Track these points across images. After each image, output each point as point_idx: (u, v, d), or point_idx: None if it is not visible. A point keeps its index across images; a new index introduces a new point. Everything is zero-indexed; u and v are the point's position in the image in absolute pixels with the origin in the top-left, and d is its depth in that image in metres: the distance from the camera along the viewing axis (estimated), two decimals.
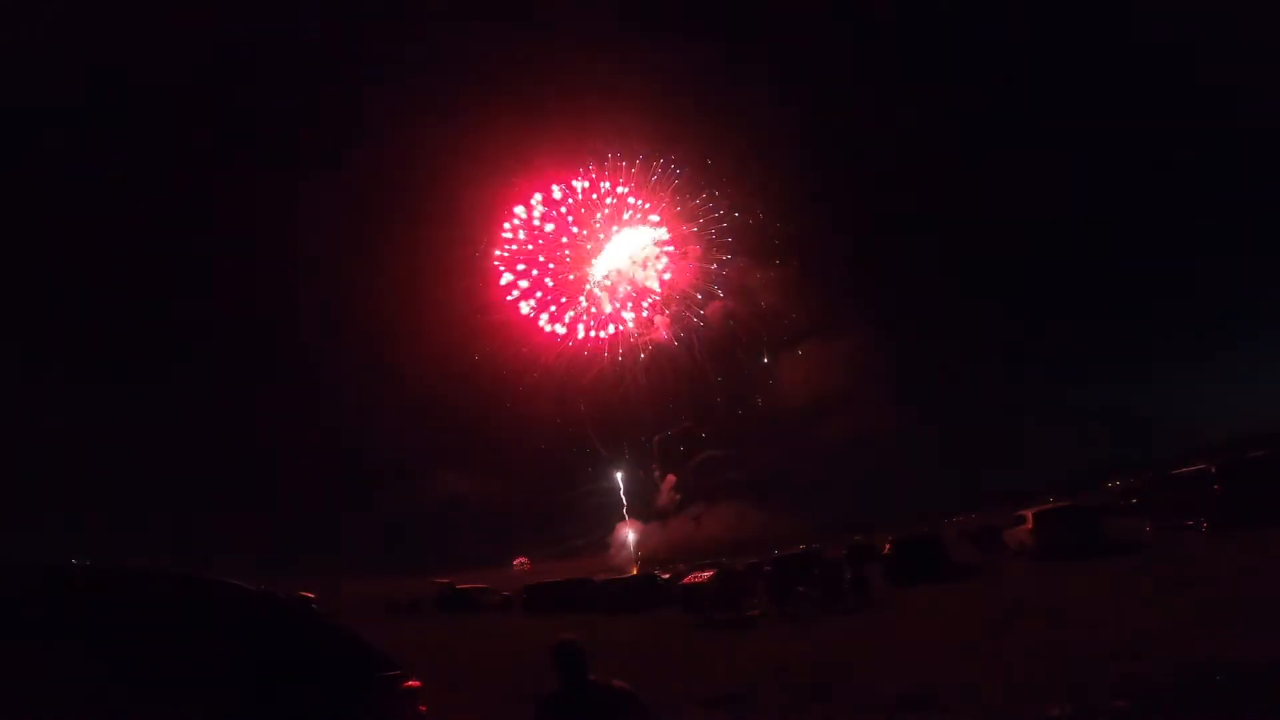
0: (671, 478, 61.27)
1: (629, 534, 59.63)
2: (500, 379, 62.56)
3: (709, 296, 62.97)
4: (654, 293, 61.76)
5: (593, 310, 62.82)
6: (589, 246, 61.31)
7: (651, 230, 62.22)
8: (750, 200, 62.30)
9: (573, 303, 61.66)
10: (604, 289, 61.18)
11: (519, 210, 60.21)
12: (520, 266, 61.58)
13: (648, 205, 61.99)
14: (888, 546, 23.07)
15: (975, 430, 65.98)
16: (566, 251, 61.89)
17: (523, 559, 56.63)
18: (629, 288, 61.94)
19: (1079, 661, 7.51)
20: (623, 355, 61.18)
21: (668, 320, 61.33)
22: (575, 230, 61.26)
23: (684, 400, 62.84)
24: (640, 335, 60.66)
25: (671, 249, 60.80)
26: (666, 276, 62.04)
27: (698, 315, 62.52)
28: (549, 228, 61.60)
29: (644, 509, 60.98)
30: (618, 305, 62.27)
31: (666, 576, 30.97)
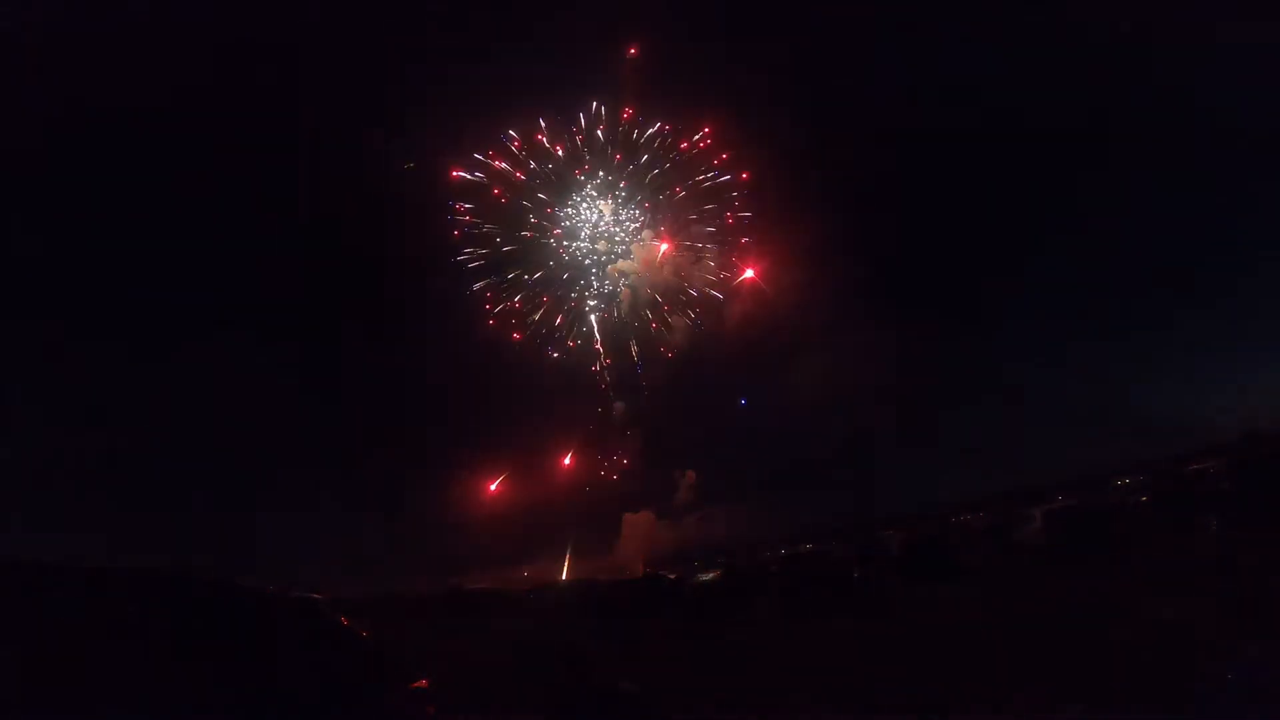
0: (691, 474, 60.91)
1: (637, 533, 59.62)
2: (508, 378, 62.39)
3: (723, 293, 62.55)
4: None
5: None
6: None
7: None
8: (761, 198, 61.71)
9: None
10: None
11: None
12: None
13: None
14: (896, 546, 22.98)
15: (983, 428, 65.41)
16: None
17: (525, 572, 56.83)
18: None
19: (1090, 659, 7.46)
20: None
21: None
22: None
23: (698, 397, 62.49)
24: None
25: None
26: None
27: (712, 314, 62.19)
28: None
29: (654, 507, 60.95)
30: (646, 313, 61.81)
31: (674, 577, 30.90)
